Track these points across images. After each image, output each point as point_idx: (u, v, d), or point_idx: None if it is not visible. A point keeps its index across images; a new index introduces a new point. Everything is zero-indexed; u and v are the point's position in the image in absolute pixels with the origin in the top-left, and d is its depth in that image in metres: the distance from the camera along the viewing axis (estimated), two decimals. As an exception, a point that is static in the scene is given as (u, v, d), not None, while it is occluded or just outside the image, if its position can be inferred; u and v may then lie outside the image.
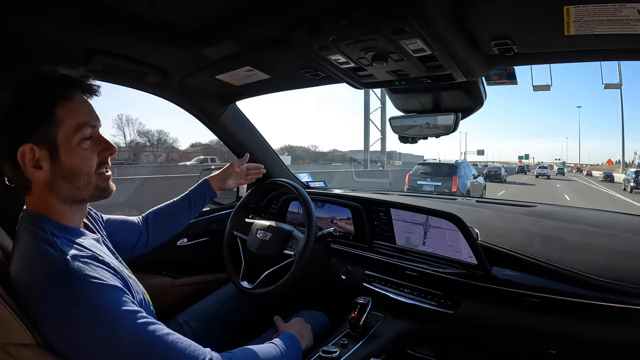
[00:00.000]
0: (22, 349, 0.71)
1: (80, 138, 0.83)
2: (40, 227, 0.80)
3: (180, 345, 0.80)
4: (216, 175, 1.50)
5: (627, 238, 1.30)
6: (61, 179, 0.83)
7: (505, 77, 1.23)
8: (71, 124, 0.82)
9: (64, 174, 0.83)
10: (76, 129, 0.82)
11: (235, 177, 1.53)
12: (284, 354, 1.04)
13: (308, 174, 2.29)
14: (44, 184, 0.82)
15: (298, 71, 1.35)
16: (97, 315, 0.72)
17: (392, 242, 1.55)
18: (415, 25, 0.87)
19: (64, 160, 0.82)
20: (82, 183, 0.85)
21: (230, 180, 1.51)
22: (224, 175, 1.50)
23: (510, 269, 1.24)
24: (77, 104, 0.84)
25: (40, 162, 0.80)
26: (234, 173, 1.53)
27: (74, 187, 0.84)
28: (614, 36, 0.86)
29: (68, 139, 0.82)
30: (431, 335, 1.39)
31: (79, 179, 0.84)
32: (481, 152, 71.93)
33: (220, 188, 1.49)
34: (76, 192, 0.85)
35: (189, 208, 1.42)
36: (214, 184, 1.47)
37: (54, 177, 0.82)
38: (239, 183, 1.58)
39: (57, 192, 0.83)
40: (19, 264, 0.80)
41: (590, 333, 1.08)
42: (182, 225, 1.43)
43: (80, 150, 0.84)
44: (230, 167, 1.53)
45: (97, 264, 0.79)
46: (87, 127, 0.84)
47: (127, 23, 1.06)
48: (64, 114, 0.81)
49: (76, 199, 0.87)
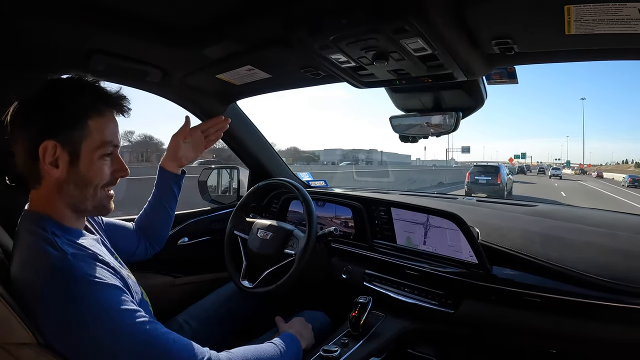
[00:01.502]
0: (23, 348, 0.71)
1: (101, 154, 0.87)
2: (41, 227, 0.81)
3: (179, 345, 0.80)
4: (165, 156, 1.33)
5: (627, 237, 1.30)
6: (73, 184, 0.85)
7: (505, 76, 1.23)
8: (98, 138, 0.85)
9: (77, 181, 0.85)
10: (101, 144, 0.86)
11: (188, 148, 1.34)
12: (283, 353, 1.04)
13: (309, 174, 2.29)
14: (55, 184, 0.84)
15: (298, 70, 1.35)
16: (96, 313, 0.73)
17: (392, 241, 1.55)
18: (415, 25, 0.87)
19: (82, 168, 0.85)
20: (90, 194, 0.87)
21: (184, 152, 1.33)
22: (173, 151, 1.32)
23: (510, 269, 1.24)
24: (108, 121, 0.88)
25: (59, 162, 0.82)
26: (182, 145, 1.33)
27: (82, 195, 0.86)
28: (615, 35, 0.85)
29: (92, 150, 0.85)
30: (432, 335, 1.39)
31: (89, 189, 0.87)
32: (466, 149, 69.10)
33: (179, 165, 1.34)
34: (82, 200, 0.87)
35: (161, 204, 1.33)
36: (169, 165, 1.32)
37: (67, 179, 0.84)
38: (200, 149, 1.38)
39: (64, 195, 0.85)
40: (20, 263, 0.80)
41: (590, 332, 1.08)
42: (167, 223, 1.36)
43: (99, 164, 0.87)
44: (172, 141, 1.33)
45: (97, 263, 0.80)
46: (110, 145, 0.88)
47: (128, 23, 1.06)
48: (94, 127, 0.85)
49: (79, 208, 0.88)
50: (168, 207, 1.34)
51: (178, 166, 1.34)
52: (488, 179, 15.63)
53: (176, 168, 1.34)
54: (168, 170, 1.33)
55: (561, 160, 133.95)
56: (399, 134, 1.41)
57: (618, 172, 57.53)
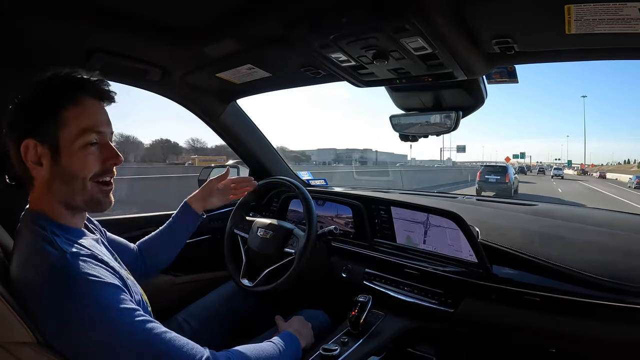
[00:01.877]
0: (23, 348, 0.71)
1: (83, 142, 0.83)
2: (40, 226, 0.81)
3: (178, 344, 0.80)
4: (196, 195, 1.40)
5: (627, 237, 1.30)
6: (59, 180, 0.83)
7: (506, 75, 1.23)
8: (75, 127, 0.82)
9: (62, 176, 0.83)
10: (80, 133, 0.82)
11: (219, 195, 1.43)
12: (282, 352, 1.04)
13: (309, 172, 2.29)
14: (43, 182, 0.83)
15: (299, 69, 1.35)
16: (95, 312, 0.73)
17: (392, 240, 1.55)
18: (416, 24, 0.87)
19: (64, 161, 0.82)
20: (78, 188, 0.84)
21: (213, 198, 1.41)
22: (205, 193, 1.40)
23: (510, 268, 1.24)
24: (86, 108, 0.84)
25: (41, 159, 0.81)
26: (215, 190, 1.42)
27: (70, 190, 0.84)
28: (615, 35, 0.85)
29: (71, 141, 0.82)
30: (431, 334, 1.39)
31: (76, 183, 0.84)
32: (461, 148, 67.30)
33: (204, 208, 1.40)
34: (72, 196, 0.85)
35: (172, 237, 1.35)
36: (195, 204, 1.38)
37: (52, 176, 0.83)
38: (226, 199, 1.46)
39: (54, 193, 0.84)
40: (19, 262, 0.80)
41: (590, 332, 1.08)
42: (171, 255, 1.36)
43: (82, 154, 0.83)
44: (209, 183, 1.42)
45: (96, 262, 0.80)
46: (92, 132, 0.84)
47: (128, 21, 1.06)
48: (70, 117, 0.82)
49: (71, 204, 0.86)
50: (178, 241, 1.37)
51: (203, 208, 1.40)
52: (497, 177, 16.93)
53: (200, 209, 1.39)
54: (193, 208, 1.37)
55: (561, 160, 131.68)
56: (398, 133, 1.41)
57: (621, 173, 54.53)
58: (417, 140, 1.42)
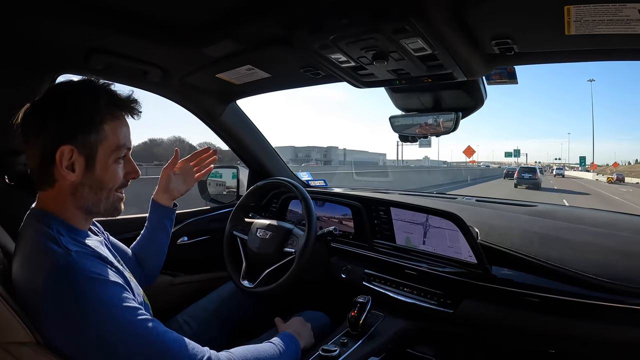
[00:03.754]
0: (22, 348, 0.72)
1: (116, 157, 0.88)
2: (46, 224, 0.82)
3: (179, 344, 0.81)
4: (158, 188, 1.34)
5: (626, 238, 1.30)
6: (88, 187, 0.86)
7: (505, 76, 1.23)
8: (113, 142, 0.87)
9: (92, 184, 0.86)
10: (116, 148, 0.88)
11: (180, 179, 1.35)
12: (282, 352, 1.05)
13: (308, 173, 2.29)
14: (69, 187, 0.85)
15: (298, 70, 1.35)
16: (98, 310, 0.73)
17: (392, 241, 1.55)
18: (415, 25, 0.87)
19: (97, 172, 0.86)
20: (104, 196, 0.89)
21: (176, 184, 1.34)
22: (164, 183, 1.33)
23: (510, 269, 1.24)
24: (121, 125, 0.89)
25: (75, 166, 0.83)
26: (172, 176, 1.34)
27: (97, 197, 0.88)
28: (615, 36, 0.86)
29: (107, 155, 0.87)
30: (431, 334, 1.39)
31: (103, 192, 0.88)
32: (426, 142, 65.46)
33: (171, 198, 1.34)
34: (96, 203, 0.88)
35: (153, 237, 1.32)
36: (161, 198, 1.32)
37: (82, 182, 0.85)
38: (191, 181, 1.38)
39: (78, 198, 0.86)
40: (22, 260, 0.81)
41: (589, 333, 1.08)
42: (159, 257, 1.33)
43: (114, 167, 0.89)
44: (163, 174, 1.34)
45: (100, 261, 0.81)
46: (124, 148, 0.90)
47: (128, 22, 1.06)
48: (109, 131, 0.86)
49: (92, 210, 0.89)
50: (159, 241, 1.32)
51: (170, 199, 1.34)
52: (530, 175, 23.65)
53: (168, 201, 1.33)
54: (160, 203, 1.32)
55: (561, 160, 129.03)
56: (398, 134, 1.41)
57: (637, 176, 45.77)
58: (417, 141, 1.43)
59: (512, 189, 22.35)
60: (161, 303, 1.24)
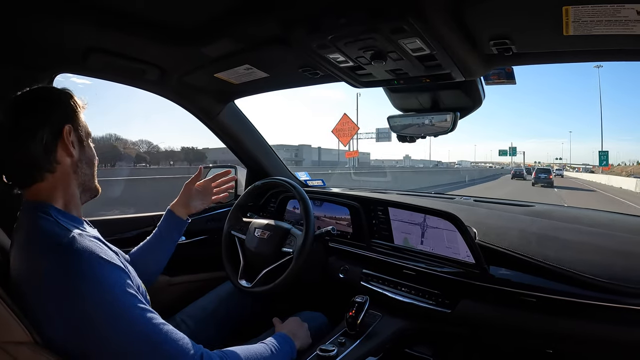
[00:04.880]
0: (20, 347, 0.72)
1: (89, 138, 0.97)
2: (45, 212, 0.83)
3: (174, 337, 0.82)
4: (178, 201, 1.37)
5: (624, 238, 1.31)
6: (85, 163, 0.95)
7: (504, 76, 1.23)
8: (86, 125, 0.96)
9: (87, 160, 0.95)
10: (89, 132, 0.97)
11: (199, 197, 1.41)
12: (275, 353, 1.05)
13: (306, 173, 2.29)
14: (71, 165, 0.91)
15: (297, 70, 1.35)
16: (98, 290, 0.74)
17: (390, 241, 1.55)
18: (414, 25, 0.87)
19: (86, 148, 0.95)
20: (94, 172, 0.98)
21: (195, 201, 1.39)
22: (185, 197, 1.38)
23: (507, 268, 1.24)
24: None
25: (74, 144, 0.91)
26: (194, 192, 1.40)
27: (90, 172, 0.97)
28: (613, 37, 0.86)
29: (86, 135, 0.96)
30: (428, 334, 1.39)
31: (93, 167, 0.98)
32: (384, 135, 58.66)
33: (188, 213, 1.37)
34: (90, 178, 0.97)
35: (160, 245, 1.33)
36: (178, 210, 1.36)
37: (80, 159, 0.93)
38: (208, 202, 1.43)
39: (79, 174, 0.93)
40: (21, 250, 0.82)
41: (587, 332, 1.08)
42: (160, 264, 1.34)
43: (91, 146, 0.98)
44: (186, 186, 1.39)
45: (101, 244, 0.82)
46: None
47: (126, 21, 1.06)
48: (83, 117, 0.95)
49: (88, 186, 0.97)
50: (164, 250, 1.34)
51: (186, 213, 1.37)
52: (545, 175, 27.72)
53: (184, 215, 1.37)
54: (176, 214, 1.35)
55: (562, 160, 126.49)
56: (396, 134, 1.42)
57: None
58: (415, 141, 1.42)
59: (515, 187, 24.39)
60: (159, 303, 1.23)
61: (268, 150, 2.10)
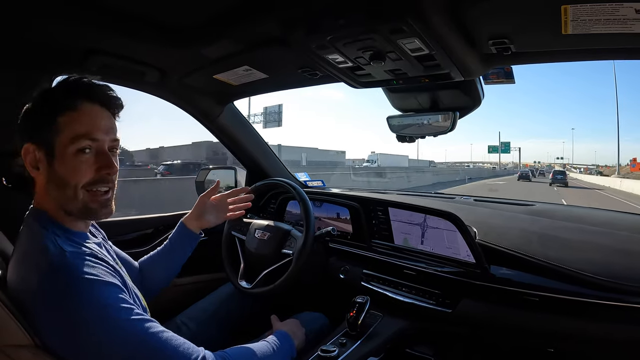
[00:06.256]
0: (20, 350, 0.71)
1: (75, 149, 0.81)
2: (42, 225, 0.82)
3: (174, 343, 0.81)
4: (191, 214, 1.34)
5: (625, 237, 1.31)
6: (53, 185, 0.83)
7: (502, 76, 1.23)
8: (69, 133, 0.81)
9: (56, 181, 0.82)
10: (73, 139, 0.81)
11: (213, 211, 1.36)
12: (276, 351, 1.05)
13: (306, 174, 2.29)
14: (43, 186, 0.84)
15: (296, 70, 1.35)
16: (93, 311, 0.73)
17: (390, 241, 1.55)
18: (412, 25, 0.87)
19: (57, 167, 0.81)
20: (70, 195, 0.83)
21: (208, 216, 1.35)
22: (199, 211, 1.34)
23: (508, 268, 1.24)
24: (82, 114, 0.83)
25: (38, 164, 0.82)
26: (209, 206, 1.36)
27: (63, 196, 0.83)
28: (611, 35, 0.86)
29: (64, 147, 0.81)
30: (429, 334, 1.39)
31: (67, 189, 0.82)
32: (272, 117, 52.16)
33: (200, 227, 1.34)
34: (65, 202, 0.84)
35: (170, 258, 1.31)
36: (191, 224, 1.32)
37: (48, 180, 0.83)
38: (222, 218, 1.39)
39: (51, 197, 0.84)
40: (18, 261, 0.81)
41: (588, 331, 1.08)
42: (169, 275, 1.33)
43: (75, 161, 0.82)
44: (201, 199, 1.35)
45: (96, 261, 0.80)
46: (85, 139, 0.82)
47: (126, 23, 1.06)
48: (65, 123, 0.81)
49: (66, 210, 0.84)
50: (175, 262, 1.32)
51: (199, 227, 1.33)
52: (562, 176, 32.37)
53: (197, 228, 1.33)
54: (189, 227, 1.32)
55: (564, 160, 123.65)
56: (395, 134, 1.41)
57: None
58: (414, 141, 1.42)
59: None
60: (160, 304, 1.23)
61: (267, 152, 2.10)
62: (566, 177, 33.40)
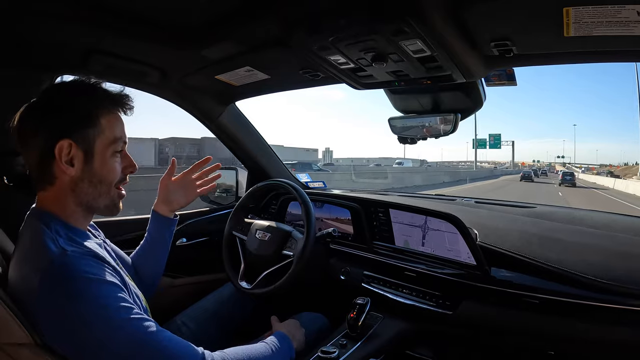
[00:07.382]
0: (20, 349, 0.72)
1: (113, 150, 0.90)
2: (45, 224, 0.82)
3: (174, 343, 0.82)
4: (158, 198, 1.30)
5: (625, 239, 1.31)
6: (87, 182, 0.87)
7: (504, 78, 1.23)
8: (110, 135, 0.89)
9: (91, 178, 0.88)
10: (112, 141, 0.89)
11: (179, 191, 1.30)
12: (275, 351, 1.05)
13: (307, 175, 2.29)
14: (69, 182, 0.86)
15: (297, 71, 1.35)
16: (93, 310, 0.74)
17: (391, 242, 1.55)
18: (414, 26, 0.87)
19: (96, 165, 0.87)
20: (103, 191, 0.90)
21: (175, 196, 1.29)
22: (164, 195, 1.29)
23: (509, 270, 1.24)
24: (117, 119, 0.92)
25: (74, 160, 0.85)
26: (172, 188, 1.30)
27: (96, 192, 0.89)
28: (614, 37, 0.86)
29: (104, 147, 0.88)
30: (430, 336, 1.39)
31: (103, 186, 0.90)
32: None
33: (171, 209, 1.30)
34: (96, 198, 0.90)
35: (153, 248, 1.29)
36: (161, 209, 1.28)
37: (81, 177, 0.86)
38: (192, 195, 1.33)
39: (78, 193, 0.87)
40: (19, 260, 0.81)
41: (589, 334, 1.08)
42: (156, 269, 1.30)
43: (111, 161, 0.90)
44: (161, 184, 1.30)
45: (96, 260, 0.81)
46: (121, 142, 0.92)
47: (127, 23, 1.06)
48: (105, 124, 0.88)
49: (92, 206, 0.90)
50: (157, 251, 1.29)
51: (170, 210, 1.30)
52: (571, 177, 33.87)
53: (168, 212, 1.29)
54: (160, 213, 1.29)
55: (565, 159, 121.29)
56: (397, 135, 1.42)
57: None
58: (416, 142, 1.42)
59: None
60: (161, 304, 1.23)
61: (269, 152, 2.10)
62: (574, 178, 35.16)
